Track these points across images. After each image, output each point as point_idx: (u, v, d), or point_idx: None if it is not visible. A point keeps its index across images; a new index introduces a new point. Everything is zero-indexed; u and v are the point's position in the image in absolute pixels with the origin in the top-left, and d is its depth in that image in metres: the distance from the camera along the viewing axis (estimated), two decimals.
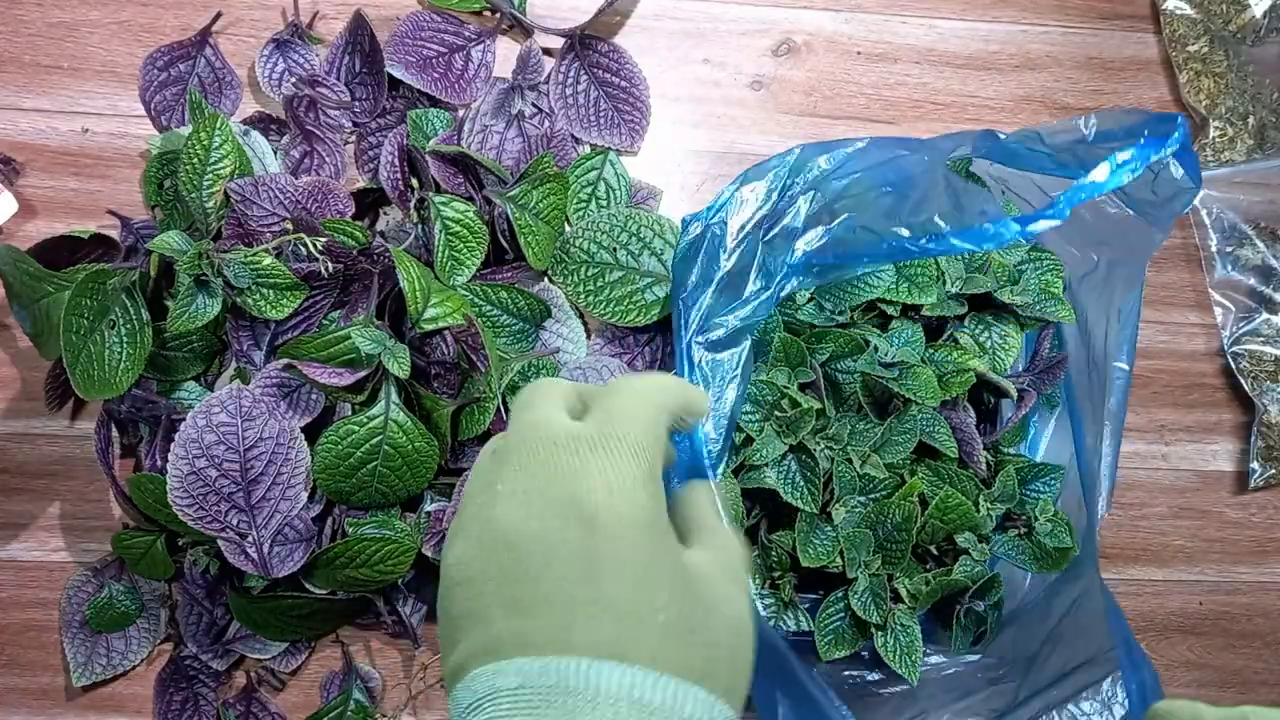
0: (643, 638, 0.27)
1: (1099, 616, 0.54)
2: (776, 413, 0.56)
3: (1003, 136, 0.55)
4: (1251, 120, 0.71)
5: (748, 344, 0.53)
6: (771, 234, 0.54)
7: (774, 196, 0.54)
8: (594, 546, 0.28)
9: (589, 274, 0.62)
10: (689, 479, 0.49)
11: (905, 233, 0.51)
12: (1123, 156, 0.47)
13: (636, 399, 0.32)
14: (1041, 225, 0.47)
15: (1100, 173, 0.47)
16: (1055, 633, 0.57)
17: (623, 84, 0.66)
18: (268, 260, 0.54)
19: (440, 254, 0.59)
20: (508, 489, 0.30)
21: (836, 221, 0.53)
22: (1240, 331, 0.70)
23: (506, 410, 0.59)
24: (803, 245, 0.53)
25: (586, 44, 0.66)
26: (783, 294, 0.54)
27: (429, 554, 0.58)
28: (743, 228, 0.55)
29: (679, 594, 0.29)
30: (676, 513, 0.34)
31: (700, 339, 0.53)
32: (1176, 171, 0.52)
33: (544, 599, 0.28)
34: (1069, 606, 0.57)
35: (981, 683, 0.57)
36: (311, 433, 0.56)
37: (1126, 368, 0.61)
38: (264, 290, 0.56)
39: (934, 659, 0.59)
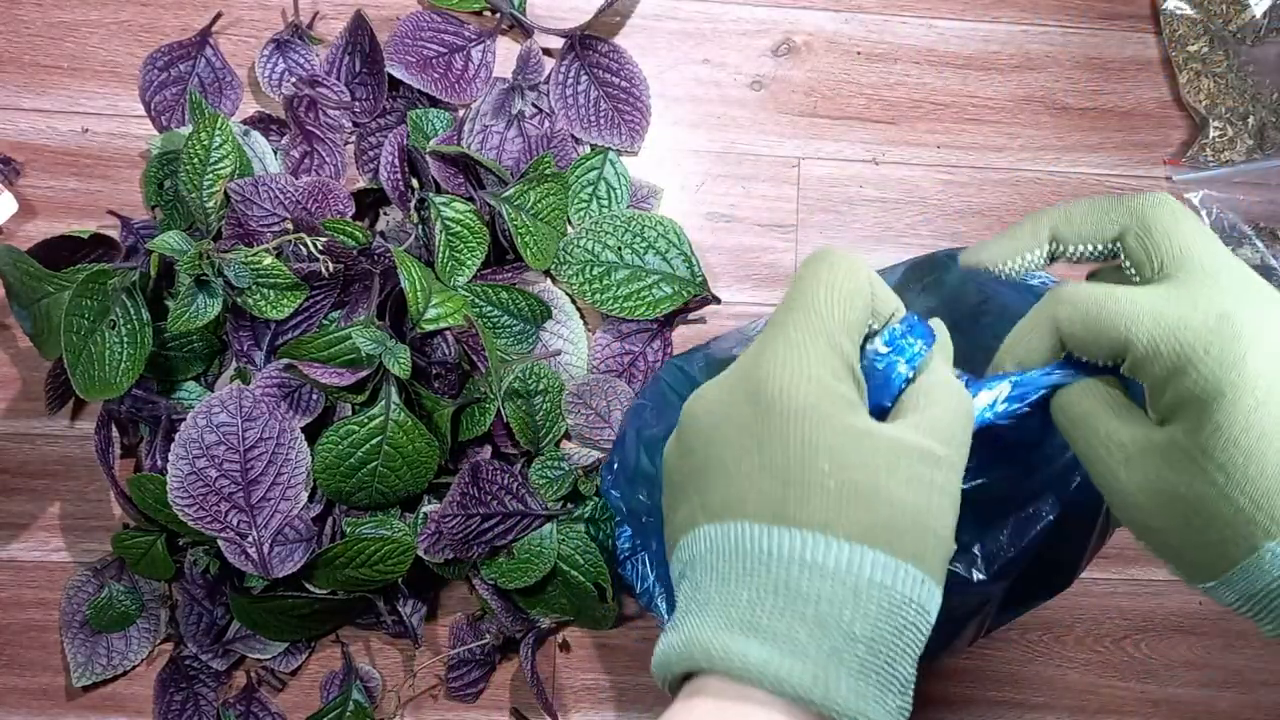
0: (813, 503, 0.29)
1: None
2: None
3: None
4: (1251, 120, 0.71)
5: None
6: None
7: None
8: (759, 422, 0.30)
9: (595, 272, 0.62)
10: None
11: None
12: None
13: (819, 285, 0.32)
14: None
15: None
16: None
17: (623, 84, 0.66)
18: (268, 260, 0.54)
19: (441, 254, 0.59)
20: (709, 381, 0.34)
21: None
22: None
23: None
24: None
25: (586, 44, 0.65)
26: None
27: (424, 555, 0.58)
28: None
29: (848, 461, 0.29)
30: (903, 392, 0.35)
31: None
32: None
33: (718, 472, 0.31)
34: None
35: None
36: (311, 433, 0.56)
37: None
38: (264, 290, 0.56)
39: None
